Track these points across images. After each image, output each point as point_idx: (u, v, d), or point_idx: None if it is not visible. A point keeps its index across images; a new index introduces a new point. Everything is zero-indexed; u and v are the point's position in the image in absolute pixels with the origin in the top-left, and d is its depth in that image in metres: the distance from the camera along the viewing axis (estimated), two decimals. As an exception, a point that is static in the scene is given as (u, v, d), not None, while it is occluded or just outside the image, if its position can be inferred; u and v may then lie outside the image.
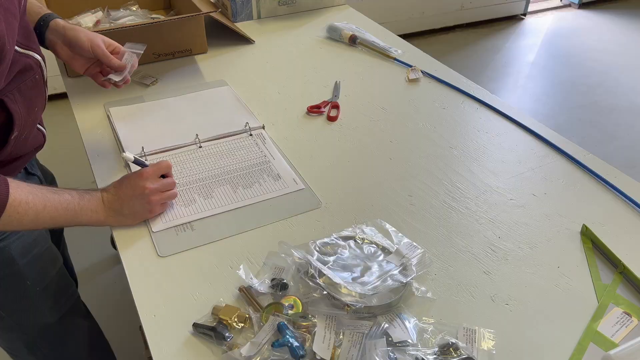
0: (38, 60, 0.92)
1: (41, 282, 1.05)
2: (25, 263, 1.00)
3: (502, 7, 4.15)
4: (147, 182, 0.92)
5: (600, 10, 4.43)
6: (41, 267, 1.05)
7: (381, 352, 0.71)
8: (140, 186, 0.91)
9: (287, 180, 1.08)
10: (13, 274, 1.00)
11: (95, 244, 2.08)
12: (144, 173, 0.93)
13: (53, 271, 1.09)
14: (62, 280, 1.13)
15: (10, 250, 0.97)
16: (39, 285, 1.04)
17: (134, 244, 0.93)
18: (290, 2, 1.83)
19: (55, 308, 1.10)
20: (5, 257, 0.97)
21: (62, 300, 1.12)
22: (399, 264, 0.85)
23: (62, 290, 1.13)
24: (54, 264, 1.10)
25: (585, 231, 0.96)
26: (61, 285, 1.12)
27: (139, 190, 0.91)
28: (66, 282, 1.15)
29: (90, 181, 1.12)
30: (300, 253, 0.84)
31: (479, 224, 0.99)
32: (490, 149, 1.19)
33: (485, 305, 0.83)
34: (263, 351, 0.72)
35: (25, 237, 1.00)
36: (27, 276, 1.02)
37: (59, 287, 1.11)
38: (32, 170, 1.08)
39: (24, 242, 1.00)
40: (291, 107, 1.33)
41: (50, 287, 1.08)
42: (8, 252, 0.97)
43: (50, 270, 1.08)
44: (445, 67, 1.53)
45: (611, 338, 0.78)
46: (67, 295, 1.14)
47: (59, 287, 1.11)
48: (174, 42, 1.51)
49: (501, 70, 3.54)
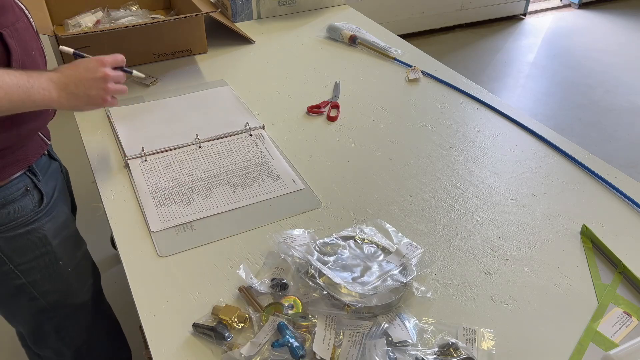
0: (21, 6, 0.93)
1: (71, 262, 1.08)
2: (57, 243, 1.04)
3: (502, 7, 4.15)
4: (106, 68, 0.92)
5: (600, 10, 4.43)
6: (71, 248, 1.08)
7: (381, 352, 0.71)
8: (101, 71, 0.91)
9: (286, 180, 1.08)
10: (47, 253, 1.03)
11: (95, 244, 2.08)
12: (104, 60, 0.93)
13: (80, 253, 1.12)
14: (89, 262, 1.17)
15: (44, 231, 1.00)
16: (70, 265, 1.08)
17: (134, 244, 0.93)
18: (290, 2, 1.83)
19: (84, 289, 1.14)
20: (40, 237, 1.00)
21: (90, 281, 1.16)
22: (399, 264, 0.85)
23: (90, 272, 1.17)
24: (81, 245, 1.13)
25: (585, 231, 0.96)
26: (88, 267, 1.16)
27: (100, 73, 0.91)
28: (92, 264, 1.19)
29: (90, 181, 1.13)
30: (300, 253, 0.84)
31: (479, 224, 0.99)
32: (490, 149, 1.19)
33: (485, 305, 0.83)
34: (263, 351, 0.72)
35: (56, 219, 1.03)
36: (60, 255, 1.05)
37: (87, 268, 1.15)
38: (54, 156, 1.11)
39: (55, 224, 1.03)
40: (291, 107, 1.33)
41: (79, 267, 1.11)
42: (42, 232, 1.00)
43: (78, 252, 1.12)
44: (445, 67, 1.53)
45: (611, 338, 0.78)
46: (94, 277, 1.18)
47: (86, 268, 1.15)
48: (174, 42, 1.51)
49: (501, 70, 3.54)
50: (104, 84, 0.92)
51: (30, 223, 0.98)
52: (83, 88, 0.90)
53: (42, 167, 1.03)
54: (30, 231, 0.99)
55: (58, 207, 1.05)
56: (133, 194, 1.04)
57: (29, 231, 0.98)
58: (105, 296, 1.27)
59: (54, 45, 1.48)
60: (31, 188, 0.98)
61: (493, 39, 3.94)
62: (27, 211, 0.97)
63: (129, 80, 1.41)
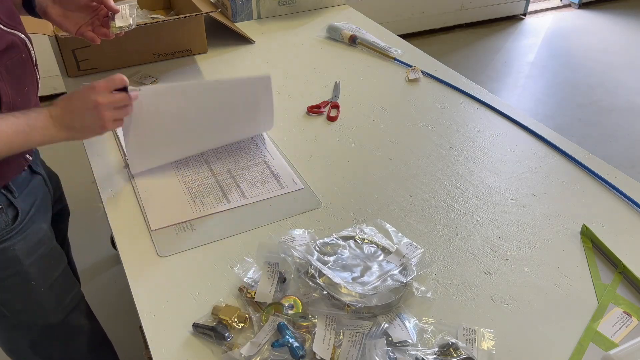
0: (23, 39, 0.92)
1: (46, 281, 1.05)
2: (30, 263, 1.00)
3: (502, 7, 4.14)
4: (98, 96, 0.88)
5: (600, 10, 4.43)
6: (46, 267, 1.05)
7: (381, 352, 0.71)
8: (92, 100, 0.87)
9: (286, 181, 1.08)
10: (17, 273, 0.99)
11: (95, 244, 2.08)
12: (96, 86, 0.89)
13: (58, 271, 1.09)
14: (67, 280, 1.13)
15: (15, 250, 0.97)
16: (43, 285, 1.04)
17: (134, 244, 0.93)
18: (290, 2, 1.83)
19: (59, 308, 1.10)
20: (10, 257, 0.97)
21: (67, 300, 1.12)
22: (399, 264, 0.85)
23: (67, 290, 1.12)
24: (58, 264, 1.09)
25: (585, 231, 0.96)
26: (66, 285, 1.12)
27: (90, 104, 0.87)
28: (71, 281, 1.14)
29: (90, 181, 1.12)
30: (300, 253, 0.84)
31: (479, 224, 0.99)
32: (490, 149, 1.19)
33: (485, 305, 0.83)
34: (263, 351, 0.72)
35: (30, 237, 1.00)
36: (32, 276, 1.01)
37: (64, 286, 1.11)
38: (36, 169, 1.08)
39: (29, 243, 0.99)
40: (291, 107, 1.33)
41: (54, 286, 1.07)
42: (12, 251, 0.97)
43: (55, 270, 1.08)
44: (445, 67, 1.53)
45: (611, 338, 0.78)
46: (72, 294, 1.14)
47: (63, 286, 1.11)
48: (174, 42, 1.51)
49: (501, 70, 3.54)
50: (99, 113, 0.88)
51: (0, 242, 0.95)
52: (79, 120, 0.88)
53: (21, 184, 0.99)
54: (1, 250, 0.95)
55: (34, 224, 1.01)
56: (133, 194, 1.04)
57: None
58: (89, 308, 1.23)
59: (54, 45, 1.48)
60: (5, 206, 0.94)
61: (493, 39, 3.94)
62: None
63: (129, 81, 1.41)
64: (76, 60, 1.42)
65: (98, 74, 1.45)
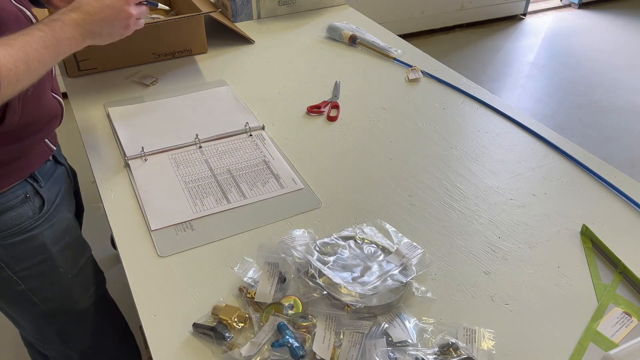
0: (29, 15, 0.92)
1: (72, 269, 1.07)
2: (57, 250, 1.02)
3: (502, 7, 4.15)
4: (130, 7, 0.91)
5: (600, 10, 4.43)
6: (72, 255, 1.07)
7: (381, 352, 0.71)
8: (125, 10, 0.90)
9: (286, 180, 1.08)
10: (45, 260, 1.01)
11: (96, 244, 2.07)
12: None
13: (83, 259, 1.11)
14: (93, 269, 1.15)
15: (43, 237, 0.99)
16: (70, 272, 1.07)
17: (134, 244, 0.93)
18: (290, 2, 1.83)
19: (86, 296, 1.13)
20: (38, 244, 0.99)
21: (93, 288, 1.15)
22: (399, 264, 0.85)
23: (93, 279, 1.15)
24: (84, 252, 1.12)
25: (585, 231, 0.96)
26: (91, 273, 1.14)
27: (123, 14, 0.90)
28: (96, 270, 1.17)
29: (90, 181, 1.12)
30: (301, 253, 0.84)
31: (479, 224, 0.99)
32: (490, 149, 1.19)
33: (485, 305, 0.83)
34: (263, 351, 0.72)
35: (57, 226, 1.02)
36: (59, 263, 1.04)
37: (89, 275, 1.14)
38: (60, 160, 1.10)
39: (56, 231, 1.02)
40: (291, 107, 1.33)
41: (81, 274, 1.10)
42: (41, 239, 0.99)
43: (81, 258, 1.10)
44: (445, 67, 1.53)
45: (611, 338, 0.78)
46: (97, 283, 1.17)
47: (89, 275, 1.13)
48: (174, 42, 1.51)
49: (501, 70, 3.54)
50: (127, 22, 0.91)
51: (28, 230, 0.97)
52: (107, 28, 0.90)
53: (46, 173, 1.02)
54: (29, 238, 0.97)
55: (60, 213, 1.04)
56: (133, 194, 1.04)
57: (27, 238, 0.97)
58: (112, 300, 1.26)
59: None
60: (32, 195, 0.97)
61: (493, 39, 3.94)
62: (25, 218, 0.96)
63: (129, 81, 1.41)
64: (76, 60, 1.42)
65: (98, 74, 1.45)
